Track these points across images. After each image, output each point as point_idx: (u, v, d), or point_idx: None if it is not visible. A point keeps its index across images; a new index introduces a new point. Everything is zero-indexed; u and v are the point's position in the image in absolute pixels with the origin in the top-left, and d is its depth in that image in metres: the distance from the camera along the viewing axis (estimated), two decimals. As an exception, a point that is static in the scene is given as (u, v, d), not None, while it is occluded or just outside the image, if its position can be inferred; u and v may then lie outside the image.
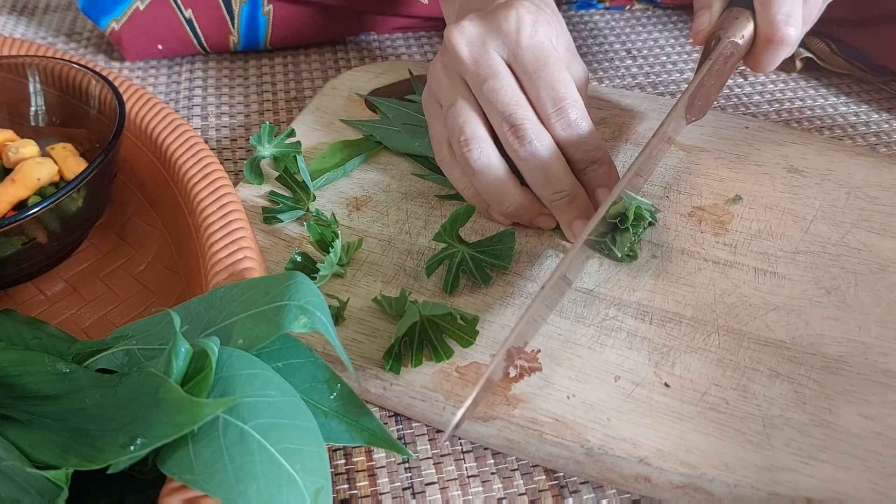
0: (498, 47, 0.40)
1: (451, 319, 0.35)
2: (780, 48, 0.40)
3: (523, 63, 0.39)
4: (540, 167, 0.39)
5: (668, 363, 0.35)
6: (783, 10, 0.38)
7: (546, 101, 0.39)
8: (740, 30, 0.40)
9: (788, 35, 0.39)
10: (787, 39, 0.39)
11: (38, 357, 0.31)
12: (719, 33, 0.40)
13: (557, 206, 0.40)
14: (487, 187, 0.40)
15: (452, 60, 0.41)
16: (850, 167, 0.45)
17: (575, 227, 0.40)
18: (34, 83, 0.45)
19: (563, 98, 0.39)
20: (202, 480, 0.24)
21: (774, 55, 0.40)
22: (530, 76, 0.39)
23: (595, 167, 0.41)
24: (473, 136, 0.40)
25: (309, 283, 0.29)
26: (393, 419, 0.36)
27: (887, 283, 0.38)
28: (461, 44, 0.40)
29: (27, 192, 0.39)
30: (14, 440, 0.28)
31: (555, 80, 0.39)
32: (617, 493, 0.33)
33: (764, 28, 0.39)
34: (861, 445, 0.32)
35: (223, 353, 0.26)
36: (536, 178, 0.40)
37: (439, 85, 0.42)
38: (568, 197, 0.40)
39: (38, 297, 0.41)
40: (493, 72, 0.39)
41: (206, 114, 0.56)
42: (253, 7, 0.58)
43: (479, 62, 0.40)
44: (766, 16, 0.39)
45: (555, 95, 0.39)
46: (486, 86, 0.39)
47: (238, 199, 0.38)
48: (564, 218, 0.41)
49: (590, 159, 0.40)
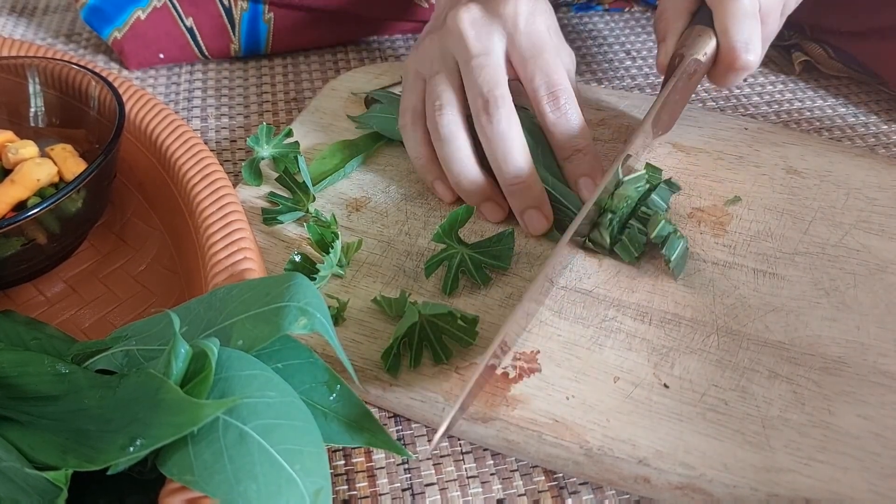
0: (497, 32, 0.41)
1: (451, 320, 0.35)
2: (741, 73, 0.41)
3: (520, 48, 0.41)
4: (502, 149, 0.40)
5: (668, 364, 0.35)
6: (742, 38, 0.40)
7: (540, 84, 0.40)
8: (703, 48, 0.41)
9: (748, 61, 0.40)
10: (748, 65, 0.41)
11: (37, 358, 0.31)
12: (682, 51, 0.41)
13: (513, 191, 0.41)
14: (447, 155, 0.41)
15: (451, 38, 0.42)
16: (849, 168, 0.45)
17: (525, 217, 0.41)
18: (34, 84, 0.45)
19: (557, 83, 0.40)
20: (202, 481, 0.24)
21: (736, 77, 0.42)
22: (526, 61, 0.41)
23: (580, 156, 0.41)
24: (448, 103, 0.41)
25: (309, 285, 0.29)
26: (392, 420, 0.36)
27: (886, 284, 0.38)
28: (465, 21, 0.41)
29: (27, 192, 0.39)
30: (14, 441, 0.28)
31: (549, 66, 0.40)
32: (616, 493, 0.33)
33: (725, 54, 0.41)
34: (859, 446, 0.32)
35: (223, 353, 0.26)
36: (497, 161, 0.41)
37: (429, 56, 0.43)
38: (523, 185, 0.41)
39: (38, 297, 0.41)
40: (485, 50, 0.41)
41: (206, 115, 0.56)
42: (254, 14, 0.58)
43: (477, 39, 0.41)
44: (727, 42, 0.40)
45: (548, 81, 0.40)
46: (475, 61, 0.40)
47: (238, 200, 0.38)
48: (518, 205, 0.41)
49: (575, 147, 0.41)
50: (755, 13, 0.40)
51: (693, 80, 0.42)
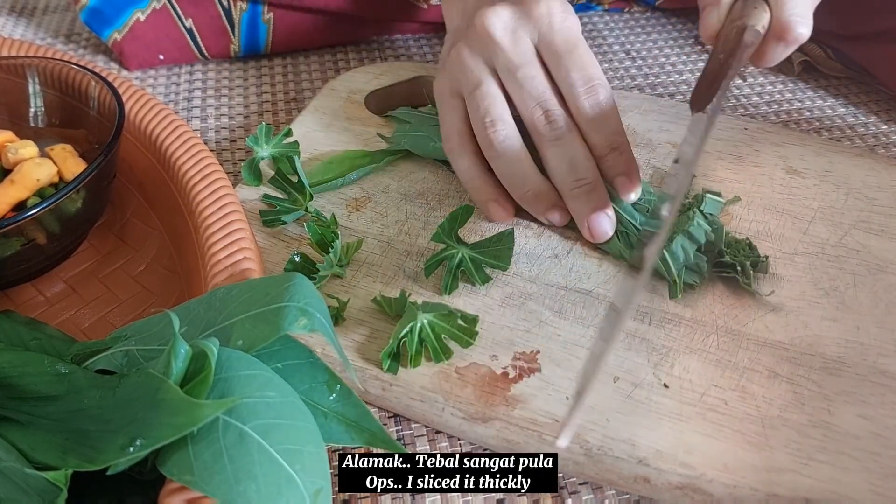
0: (530, 33, 0.40)
1: (451, 319, 0.35)
2: (792, 46, 0.40)
3: (555, 45, 0.40)
4: (566, 154, 0.40)
5: (668, 364, 0.35)
6: (798, 10, 0.38)
7: (577, 80, 0.40)
8: (761, 20, 0.39)
9: (801, 34, 0.39)
10: (801, 38, 0.39)
11: (37, 358, 0.31)
12: (741, 22, 0.39)
13: (577, 194, 0.40)
14: (509, 170, 0.41)
15: (483, 44, 0.41)
16: (849, 168, 0.45)
17: (591, 222, 0.40)
18: (33, 84, 0.45)
19: (594, 78, 0.40)
20: (202, 481, 0.24)
21: (784, 51, 0.40)
22: (561, 57, 0.40)
23: (616, 154, 0.40)
24: (500, 118, 0.40)
25: (308, 285, 0.29)
26: (392, 420, 0.36)
27: (886, 285, 0.38)
28: (497, 27, 0.40)
29: (26, 193, 0.39)
30: (13, 441, 0.28)
31: (586, 61, 0.40)
32: (616, 493, 0.33)
33: (779, 25, 0.39)
34: (860, 446, 0.32)
35: (222, 354, 0.26)
36: (561, 165, 0.40)
37: (462, 69, 0.42)
38: (589, 186, 0.40)
39: (38, 297, 0.41)
40: (527, 58, 0.40)
41: (206, 115, 0.56)
42: (253, 15, 0.58)
43: (514, 46, 0.40)
44: (782, 14, 0.39)
45: (585, 75, 0.40)
46: (520, 72, 0.40)
47: (237, 200, 0.38)
48: (583, 209, 0.40)
49: (611, 145, 0.40)
50: None
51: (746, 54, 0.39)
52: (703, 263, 0.38)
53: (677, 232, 0.38)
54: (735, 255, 0.38)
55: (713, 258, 0.39)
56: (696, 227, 0.38)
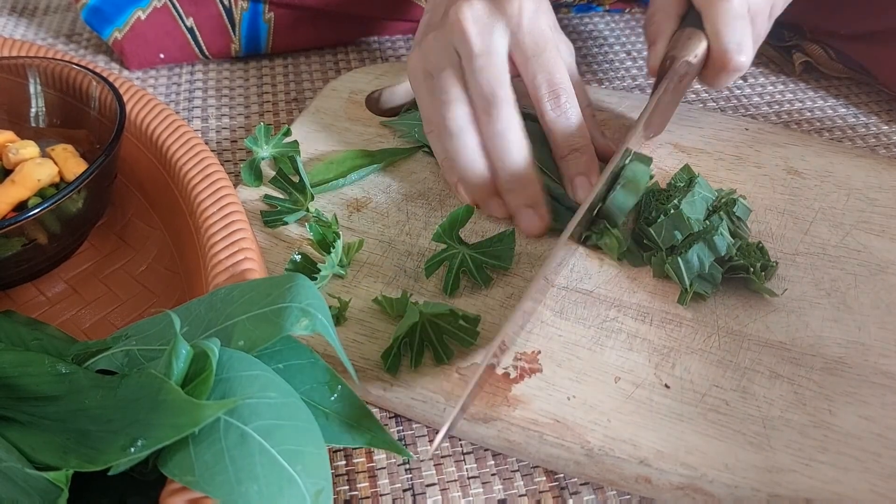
0: (501, 29, 0.41)
1: (452, 319, 0.35)
2: (734, 73, 0.42)
3: (523, 45, 0.41)
4: (502, 150, 0.41)
5: (669, 364, 0.35)
6: (734, 40, 0.40)
7: (541, 83, 0.41)
8: (693, 49, 0.41)
9: (740, 62, 0.41)
10: (739, 67, 0.41)
11: (38, 358, 0.31)
12: (673, 53, 0.42)
13: (509, 188, 0.41)
14: (454, 150, 0.42)
15: (453, 33, 0.41)
16: (850, 169, 0.45)
17: (521, 215, 0.41)
18: (34, 84, 0.45)
19: (558, 83, 0.41)
20: (203, 482, 0.24)
21: (728, 78, 0.42)
22: (528, 59, 0.41)
23: (577, 155, 0.42)
24: (455, 99, 0.41)
25: (310, 285, 0.29)
26: (393, 420, 0.36)
27: (887, 285, 0.38)
28: (468, 19, 0.41)
29: (27, 193, 0.39)
30: (14, 441, 0.28)
31: (551, 65, 0.41)
32: (617, 494, 0.33)
33: (716, 56, 0.41)
34: (860, 447, 0.32)
35: (224, 354, 0.26)
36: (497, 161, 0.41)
37: (430, 53, 0.43)
38: (520, 182, 0.41)
39: (39, 298, 0.41)
40: (488, 49, 0.40)
41: (207, 115, 0.56)
42: (254, 14, 0.58)
43: (479, 37, 0.41)
44: (718, 44, 0.41)
45: (549, 79, 0.41)
46: (477, 60, 0.40)
47: (238, 201, 0.38)
48: (513, 203, 0.42)
49: (572, 146, 0.42)
50: (745, 14, 0.41)
51: (684, 82, 0.43)
52: (717, 274, 0.38)
53: (697, 239, 0.38)
54: (746, 258, 0.38)
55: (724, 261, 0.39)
56: (719, 236, 0.37)
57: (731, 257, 0.38)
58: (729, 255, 0.37)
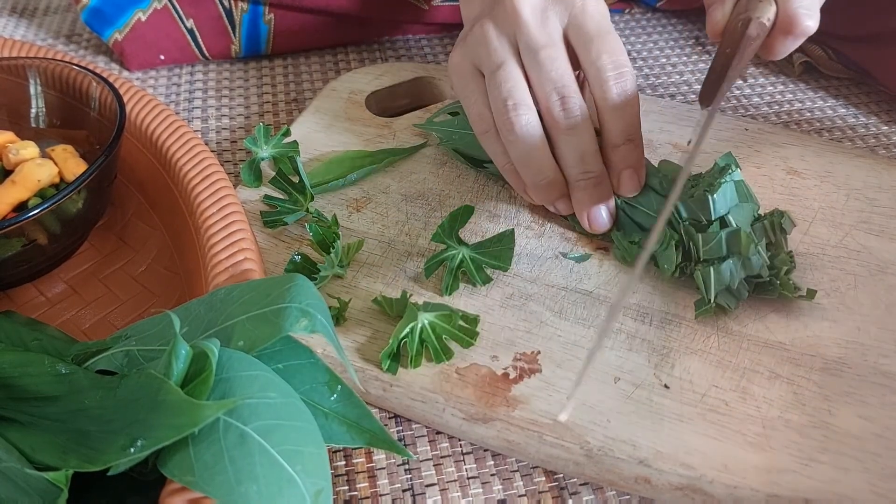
0: (559, 14, 0.40)
1: (452, 320, 0.35)
2: (799, 38, 0.39)
3: (586, 27, 0.39)
4: (578, 143, 0.39)
5: (668, 365, 0.35)
6: (804, 3, 0.38)
7: (607, 64, 0.39)
8: (766, 12, 0.38)
9: (808, 28, 0.38)
10: (808, 31, 0.39)
11: (38, 358, 0.31)
12: (746, 15, 0.39)
13: (583, 186, 0.40)
14: (527, 156, 0.40)
15: (510, 22, 0.40)
16: (850, 169, 0.45)
17: (592, 213, 0.40)
18: (35, 85, 0.45)
19: (624, 65, 0.39)
20: (203, 482, 0.24)
21: (791, 44, 0.40)
22: (592, 40, 0.39)
23: (631, 146, 0.40)
24: (522, 102, 0.39)
25: (310, 286, 0.29)
26: (393, 420, 0.36)
27: (886, 285, 0.38)
28: (526, 5, 0.39)
29: (27, 193, 0.39)
30: (14, 441, 0.28)
31: (616, 47, 0.39)
32: (617, 494, 0.33)
33: (785, 18, 0.39)
34: (860, 447, 0.32)
35: (223, 354, 0.26)
36: (572, 154, 0.40)
37: (485, 46, 0.41)
38: (595, 179, 0.40)
39: (39, 298, 0.41)
40: (552, 40, 0.39)
41: (207, 116, 0.56)
42: (254, 16, 0.58)
43: (541, 26, 0.39)
44: (789, 6, 0.38)
45: (616, 61, 0.39)
46: (543, 52, 0.39)
47: (238, 201, 0.38)
48: (585, 200, 0.41)
49: (628, 135, 0.40)
50: None
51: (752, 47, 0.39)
52: (744, 291, 0.37)
53: (732, 253, 0.37)
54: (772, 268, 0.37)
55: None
56: (756, 255, 0.36)
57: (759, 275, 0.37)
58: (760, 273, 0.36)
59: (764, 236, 0.38)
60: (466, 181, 0.46)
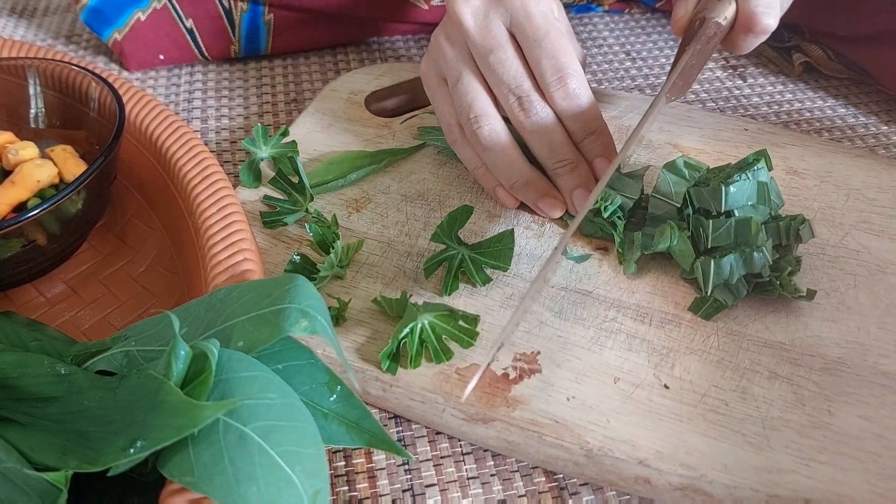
0: (501, 16, 0.40)
1: (452, 320, 0.35)
2: (761, 36, 0.41)
3: (525, 31, 0.40)
4: (545, 137, 0.40)
5: (668, 365, 0.35)
6: (763, 2, 0.39)
7: (546, 69, 0.39)
8: (723, 11, 0.40)
9: (768, 26, 0.40)
10: (767, 29, 0.40)
11: (37, 359, 0.31)
12: (703, 14, 0.41)
13: (560, 173, 0.41)
14: (497, 162, 0.41)
15: (456, 30, 0.41)
16: (849, 169, 0.45)
17: (575, 197, 0.41)
18: (34, 85, 0.45)
19: (564, 67, 0.39)
20: (202, 483, 0.24)
21: (754, 41, 0.41)
22: (532, 44, 0.40)
23: (593, 138, 0.41)
24: (483, 113, 0.41)
25: (309, 286, 0.29)
26: (392, 421, 0.36)
27: (886, 285, 0.38)
28: (465, 13, 0.40)
29: (27, 194, 0.39)
30: (13, 442, 0.28)
31: (556, 48, 0.39)
32: (617, 494, 0.33)
33: (744, 17, 0.40)
34: (860, 447, 0.32)
35: (223, 355, 0.26)
36: (542, 149, 0.41)
37: (443, 56, 0.42)
38: (570, 165, 0.41)
39: (38, 298, 0.41)
40: (497, 42, 0.40)
41: (206, 116, 0.56)
42: (254, 16, 0.58)
43: (484, 31, 0.40)
44: (748, 6, 0.40)
45: (555, 64, 0.39)
46: (491, 56, 0.40)
47: (237, 201, 0.38)
48: (567, 186, 0.42)
49: (587, 130, 0.41)
50: None
51: (711, 44, 0.41)
52: (743, 288, 0.37)
53: (735, 249, 0.36)
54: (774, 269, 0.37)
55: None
56: (759, 252, 0.36)
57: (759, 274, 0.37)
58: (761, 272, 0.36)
59: (775, 237, 0.38)
60: (466, 181, 0.46)
